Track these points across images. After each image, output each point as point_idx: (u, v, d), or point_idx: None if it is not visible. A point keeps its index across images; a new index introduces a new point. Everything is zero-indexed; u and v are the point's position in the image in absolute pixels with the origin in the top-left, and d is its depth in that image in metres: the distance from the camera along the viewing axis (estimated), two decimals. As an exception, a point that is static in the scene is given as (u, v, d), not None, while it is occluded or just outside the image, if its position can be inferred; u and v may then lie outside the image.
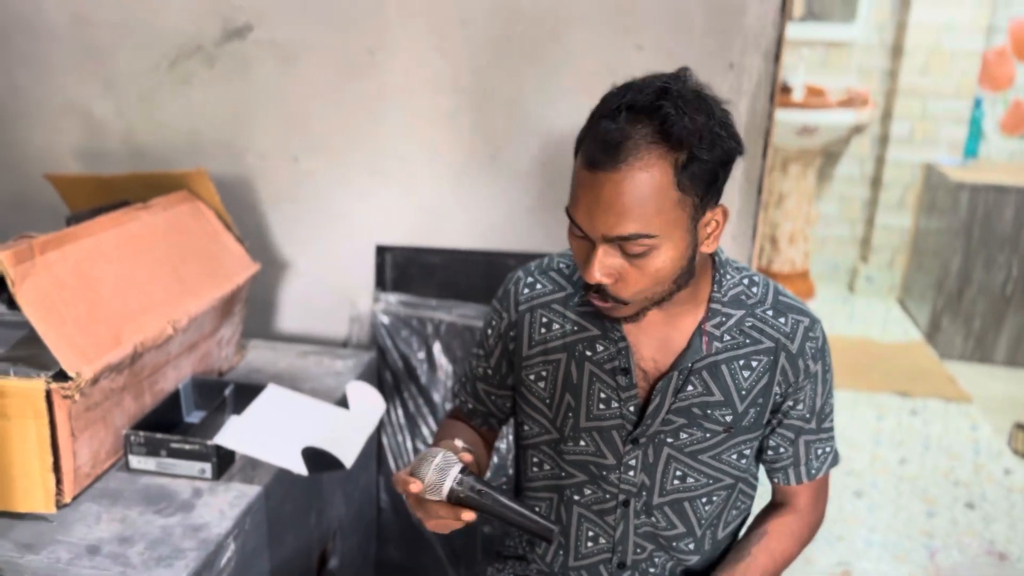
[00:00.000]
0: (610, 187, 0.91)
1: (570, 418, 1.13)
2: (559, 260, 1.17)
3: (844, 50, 4.11)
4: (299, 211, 2.00)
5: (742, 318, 1.08)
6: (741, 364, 1.08)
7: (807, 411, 1.12)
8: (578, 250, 1.00)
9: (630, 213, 0.91)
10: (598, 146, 0.92)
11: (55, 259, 1.25)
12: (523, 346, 1.15)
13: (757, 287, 1.11)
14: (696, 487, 1.13)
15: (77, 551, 1.16)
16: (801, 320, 1.10)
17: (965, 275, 3.72)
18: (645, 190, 0.91)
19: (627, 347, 1.08)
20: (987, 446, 2.94)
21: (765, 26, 1.76)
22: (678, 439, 1.10)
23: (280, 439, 1.37)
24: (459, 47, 1.85)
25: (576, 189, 0.96)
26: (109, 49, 1.96)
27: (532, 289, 1.16)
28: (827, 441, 1.15)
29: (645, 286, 0.97)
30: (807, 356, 1.09)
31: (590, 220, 0.94)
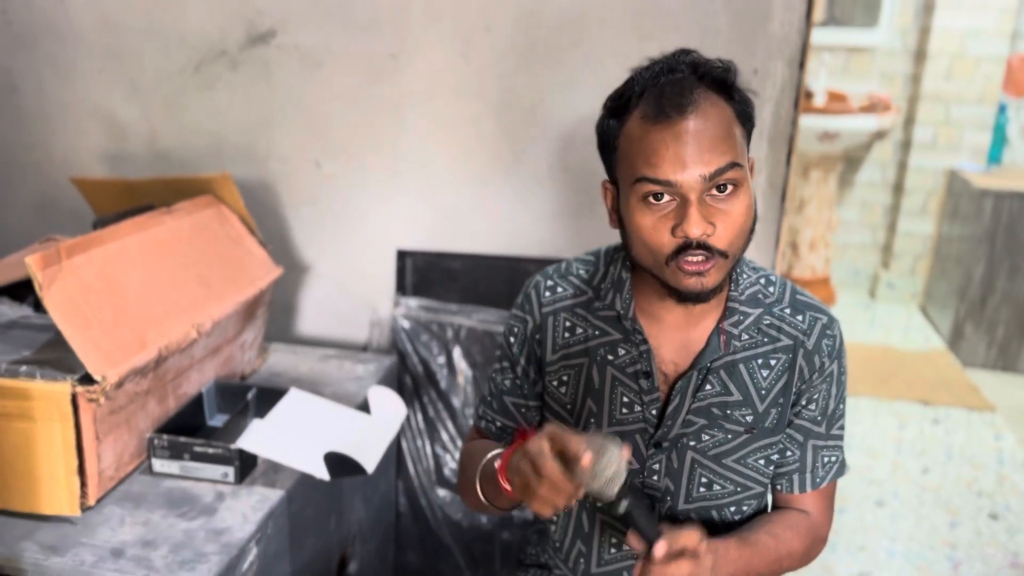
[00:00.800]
0: (694, 124, 0.94)
1: (592, 423, 1.13)
2: (577, 265, 1.17)
3: (866, 55, 4.08)
4: (321, 215, 2.01)
5: (759, 316, 1.08)
6: (760, 363, 1.08)
7: (818, 412, 1.10)
8: (658, 223, 0.97)
9: (720, 144, 0.95)
10: (666, 98, 0.95)
11: (81, 263, 1.26)
12: (548, 350, 1.15)
13: (774, 286, 1.11)
14: (723, 495, 1.12)
15: (101, 554, 1.17)
16: (819, 318, 1.09)
17: (988, 283, 3.68)
18: (723, 121, 0.96)
19: (648, 350, 1.08)
20: (1011, 456, 2.91)
21: (790, 33, 1.75)
22: (700, 441, 1.09)
23: (302, 443, 1.37)
24: (482, 53, 1.85)
25: (651, 151, 0.96)
26: (135, 53, 1.98)
27: (554, 293, 1.15)
28: (835, 449, 1.13)
29: (739, 230, 0.98)
30: (823, 353, 1.08)
31: (683, 166, 0.94)
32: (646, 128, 0.96)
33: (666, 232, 0.97)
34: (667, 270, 0.99)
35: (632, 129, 0.98)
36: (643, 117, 0.97)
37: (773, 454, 1.11)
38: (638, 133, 0.97)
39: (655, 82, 0.97)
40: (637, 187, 0.97)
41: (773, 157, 1.82)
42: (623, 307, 1.09)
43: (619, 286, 1.10)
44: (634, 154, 0.98)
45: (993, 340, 3.72)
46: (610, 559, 1.17)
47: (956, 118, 3.99)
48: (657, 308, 1.08)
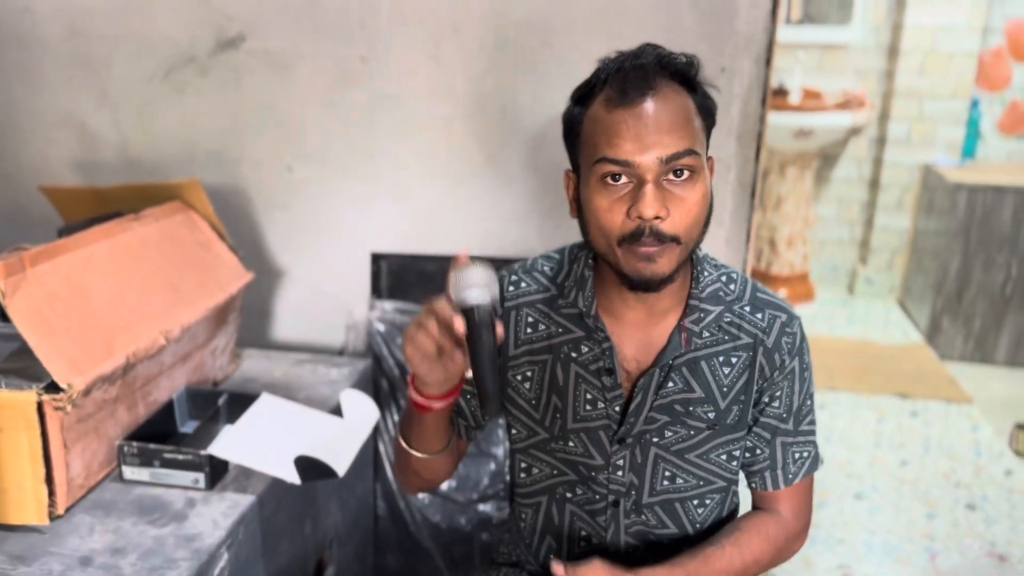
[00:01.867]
0: (660, 102, 0.96)
1: (558, 419, 1.13)
2: (542, 262, 1.17)
3: (840, 52, 4.11)
4: (293, 220, 2.01)
5: (720, 314, 1.09)
6: (721, 360, 1.09)
7: (783, 410, 1.11)
8: (613, 205, 0.98)
9: (679, 129, 0.97)
10: (628, 82, 0.97)
11: (46, 271, 1.26)
12: (510, 344, 1.15)
13: (735, 284, 1.12)
14: (686, 488, 1.13)
15: (69, 562, 1.16)
16: (778, 316, 1.10)
17: (964, 276, 3.71)
18: (684, 109, 0.98)
19: (611, 347, 1.09)
20: (988, 447, 2.93)
21: (756, 30, 1.76)
22: (663, 438, 1.10)
23: (273, 448, 1.37)
24: (452, 55, 1.86)
25: (611, 130, 0.97)
26: (104, 61, 1.97)
27: (517, 287, 1.16)
28: (806, 444, 1.14)
29: (694, 218, 0.99)
30: (783, 351, 1.09)
31: (642, 147, 0.95)
32: (609, 110, 0.98)
33: (621, 214, 0.98)
34: (619, 253, 0.99)
35: (596, 112, 0.99)
36: (606, 100, 0.98)
37: (735, 449, 1.12)
38: (601, 115, 0.98)
39: (619, 68, 0.98)
40: (597, 168, 0.98)
41: (742, 154, 1.83)
42: (585, 305, 1.10)
43: (582, 284, 1.11)
44: (596, 135, 0.99)
45: (970, 333, 3.75)
46: (580, 552, 1.18)
47: (930, 113, 4.03)
48: (619, 306, 1.09)
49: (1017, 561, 2.30)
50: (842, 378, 3.42)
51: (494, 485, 1.98)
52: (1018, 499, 2.62)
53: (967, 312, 3.74)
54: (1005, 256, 3.64)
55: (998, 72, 4.02)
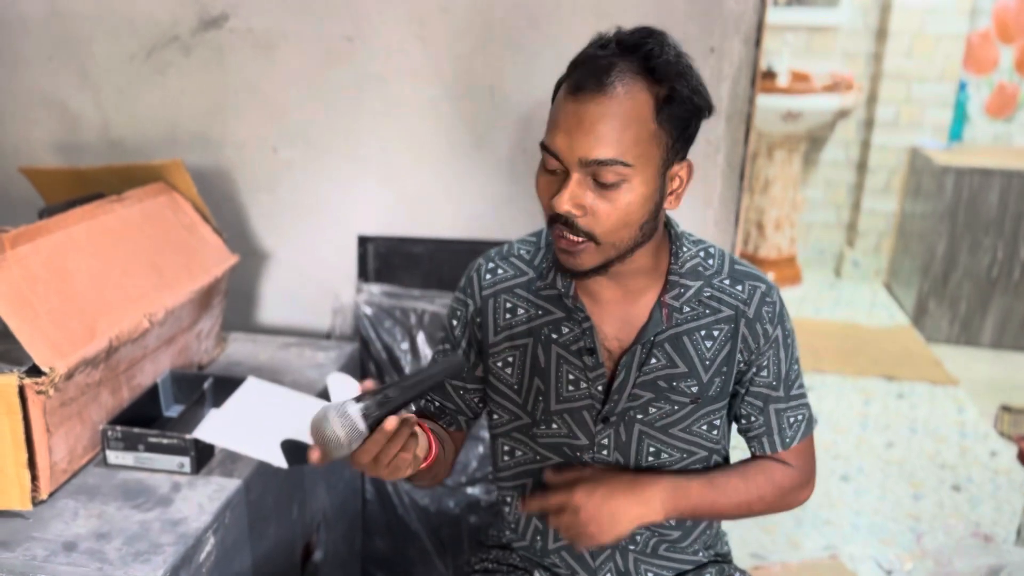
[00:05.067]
0: (594, 109, 0.93)
1: (540, 402, 1.13)
2: (519, 246, 1.17)
3: (829, 34, 4.10)
4: (279, 202, 1.98)
5: (700, 289, 1.09)
6: (703, 335, 1.09)
7: (772, 378, 1.12)
8: (547, 186, 0.99)
9: (610, 136, 0.93)
10: (586, 71, 0.94)
11: (27, 253, 1.24)
12: (489, 332, 1.14)
13: (713, 258, 1.12)
14: (671, 462, 1.13)
15: (53, 548, 1.15)
16: (758, 286, 1.10)
17: (951, 258, 3.73)
18: (627, 116, 0.93)
19: (591, 327, 1.08)
20: (973, 429, 2.96)
21: (745, 11, 1.75)
22: (647, 414, 1.10)
23: (259, 432, 1.35)
24: (439, 34, 1.83)
25: (556, 117, 0.96)
26: (84, 41, 1.94)
27: (494, 275, 1.15)
28: (799, 408, 1.14)
29: (615, 223, 0.97)
30: (765, 320, 1.09)
31: (569, 143, 0.94)
32: (563, 98, 0.97)
33: (547, 197, 0.98)
34: (553, 235, 1.00)
35: (558, 96, 0.99)
36: (566, 87, 0.97)
37: (716, 419, 1.13)
38: (559, 100, 0.98)
39: (588, 56, 0.96)
40: (542, 149, 0.99)
41: (731, 136, 1.83)
42: (564, 286, 1.09)
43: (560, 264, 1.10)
44: (549, 117, 0.99)
45: (956, 315, 3.77)
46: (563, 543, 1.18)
47: (917, 96, 4.03)
48: (595, 285, 1.09)
49: (1002, 541, 2.32)
50: (829, 360, 3.43)
51: (482, 468, 1.97)
52: (1003, 480, 2.64)
53: (953, 295, 3.76)
54: (991, 239, 3.65)
55: (986, 54, 4.02)
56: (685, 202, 1.86)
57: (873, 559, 2.23)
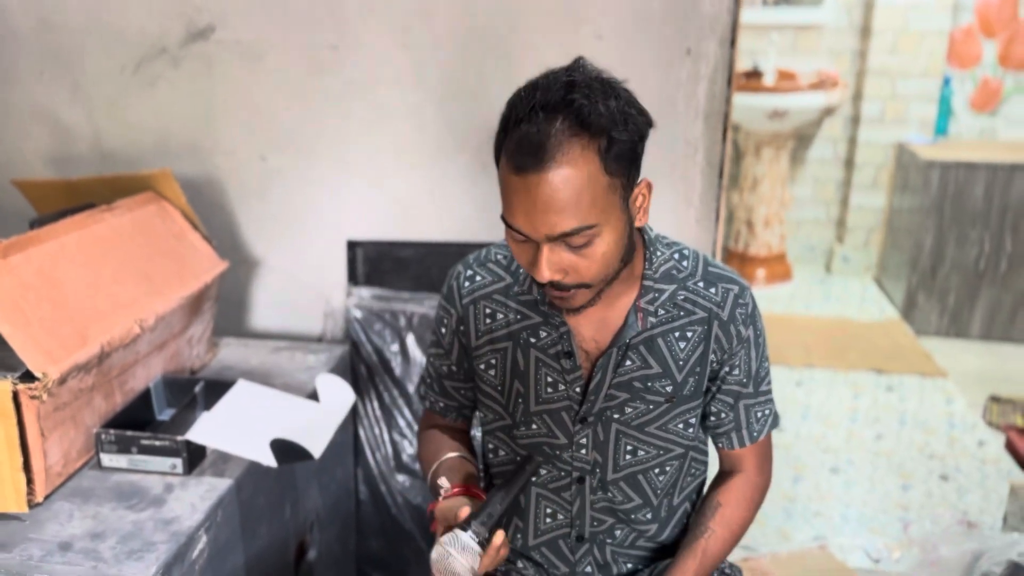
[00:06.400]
0: (543, 187, 0.92)
1: (520, 403, 1.16)
2: (496, 251, 1.20)
3: (814, 33, 4.14)
4: (269, 209, 2.02)
5: (674, 292, 1.12)
6: (677, 336, 1.12)
7: (743, 376, 1.15)
8: (521, 253, 1.01)
9: (568, 209, 0.93)
10: (521, 150, 0.92)
11: (19, 262, 1.27)
12: (472, 337, 1.18)
13: (687, 260, 1.15)
14: (648, 459, 1.16)
15: (49, 548, 1.18)
16: (731, 288, 1.14)
17: (938, 252, 3.76)
18: (577, 184, 0.92)
19: (568, 331, 1.12)
20: (962, 419, 2.99)
21: (720, 12, 1.78)
22: (624, 414, 1.13)
23: (250, 433, 1.39)
24: (421, 41, 1.87)
25: (509, 195, 0.96)
26: (75, 54, 1.97)
27: (472, 282, 1.18)
28: (765, 404, 1.19)
29: (598, 270, 1.00)
30: (738, 322, 1.13)
31: (531, 223, 0.95)
32: (508, 175, 0.95)
33: (526, 262, 1.01)
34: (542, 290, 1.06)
35: (501, 169, 0.98)
36: (506, 161, 0.96)
37: (691, 417, 1.16)
38: (503, 174, 0.97)
39: (517, 126, 0.94)
40: (505, 223, 0.99)
41: (709, 135, 1.86)
42: (539, 293, 1.12)
43: None
44: (502, 192, 0.98)
45: (945, 308, 3.80)
46: (545, 529, 1.21)
47: (902, 92, 4.07)
48: None
49: (986, 527, 2.35)
50: (819, 355, 3.47)
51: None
52: (990, 469, 2.67)
53: (942, 288, 3.79)
54: (978, 232, 3.69)
55: (969, 50, 4.06)
56: (667, 202, 1.91)
57: (862, 549, 2.27)
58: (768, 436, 1.21)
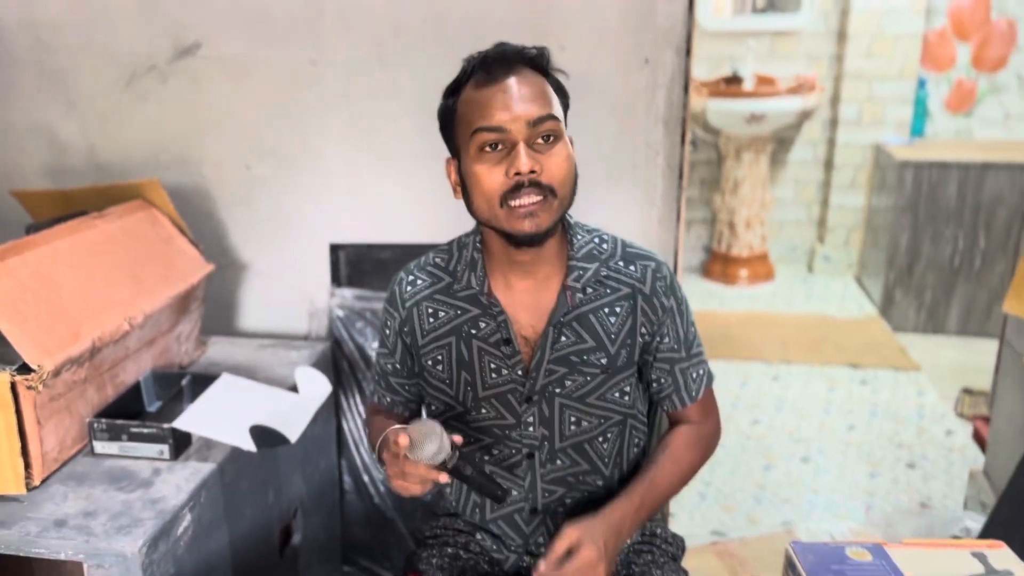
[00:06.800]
0: (521, 79, 1.12)
1: (469, 391, 1.27)
2: (433, 256, 1.32)
3: (792, 38, 4.26)
4: (255, 215, 2.13)
5: (597, 270, 1.24)
6: (606, 312, 1.23)
7: (674, 343, 1.27)
8: (489, 170, 1.13)
9: (538, 99, 1.12)
10: (495, 63, 1.13)
11: (16, 264, 1.38)
12: (417, 337, 1.29)
13: (607, 243, 1.27)
14: (591, 428, 1.26)
15: (46, 524, 1.29)
16: (648, 264, 1.26)
17: (914, 250, 3.86)
18: (539, 83, 1.14)
19: (506, 319, 1.23)
20: (932, 410, 3.09)
21: (675, 24, 1.89)
22: (564, 387, 1.24)
23: (232, 421, 1.50)
24: (395, 54, 1.98)
25: (484, 104, 1.12)
26: (69, 71, 2.09)
27: (414, 286, 1.30)
28: (699, 365, 1.30)
29: (564, 173, 1.14)
30: (660, 295, 1.24)
31: (511, 114, 1.10)
32: (479, 90, 1.13)
33: (500, 175, 1.12)
34: (502, 214, 1.13)
35: (468, 95, 1.15)
36: (476, 83, 1.14)
37: (626, 386, 1.27)
38: (473, 96, 1.14)
39: (484, 58, 1.15)
40: (475, 138, 1.13)
41: (669, 139, 1.97)
42: (478, 283, 1.24)
43: (473, 266, 1.25)
44: (471, 112, 1.14)
45: (922, 304, 3.90)
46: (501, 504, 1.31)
47: (879, 94, 4.18)
48: (509, 279, 1.23)
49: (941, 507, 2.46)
50: (796, 351, 3.57)
51: (451, 456, 2.11)
52: (956, 456, 2.77)
53: (918, 284, 3.89)
54: (952, 229, 3.79)
55: (943, 52, 4.17)
56: (630, 203, 2.02)
57: (827, 532, 2.37)
58: (710, 392, 1.32)
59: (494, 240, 1.21)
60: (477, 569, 1.30)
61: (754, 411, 3.10)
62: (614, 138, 1.97)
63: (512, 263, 1.21)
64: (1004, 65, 4.14)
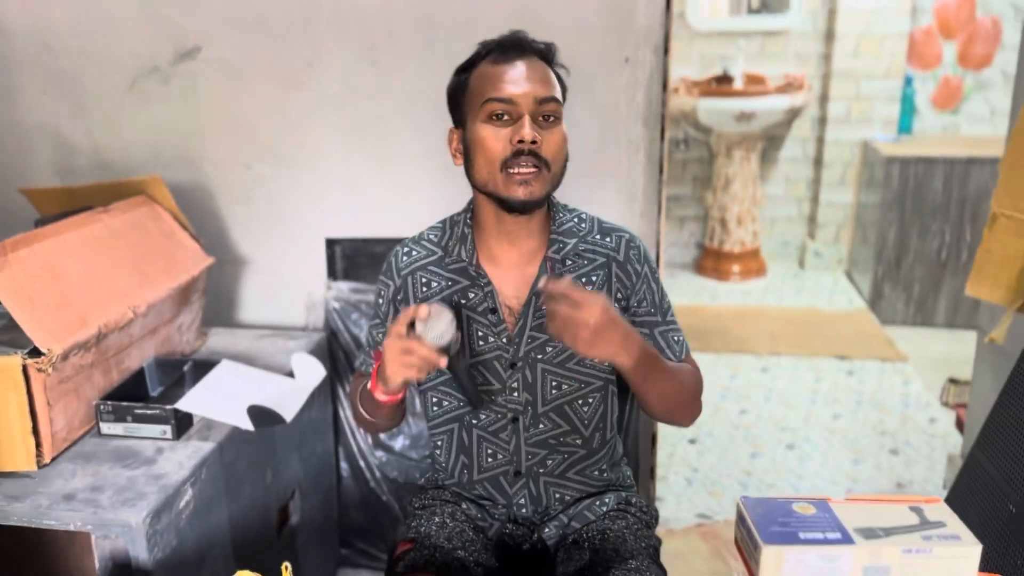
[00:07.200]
0: (530, 64, 1.25)
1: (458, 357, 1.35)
2: (428, 232, 1.41)
3: (781, 38, 4.33)
4: (254, 212, 2.22)
5: (576, 244, 1.34)
6: (584, 281, 1.33)
7: (651, 307, 1.36)
8: (495, 135, 1.23)
9: (546, 81, 1.25)
10: (510, 47, 1.26)
11: (25, 256, 1.47)
12: (411, 304, 1.37)
13: (585, 222, 1.37)
14: (572, 392, 1.35)
15: (55, 499, 1.38)
16: (622, 235, 1.36)
17: (902, 244, 3.94)
18: (548, 72, 1.27)
19: (492, 290, 1.31)
20: (916, 399, 3.16)
21: (653, 25, 1.98)
22: (545, 353, 1.33)
23: (231, 402, 1.58)
24: (388, 58, 2.07)
25: (497, 79, 1.23)
26: (74, 75, 2.18)
27: (410, 256, 1.38)
28: (676, 331, 1.39)
29: (558, 150, 1.25)
30: (633, 262, 1.34)
31: (521, 88, 1.22)
32: (494, 66, 1.25)
33: (504, 140, 1.23)
34: (500, 179, 1.23)
35: (483, 70, 1.26)
36: (491, 61, 1.26)
37: None
38: (487, 71, 1.25)
39: (500, 41, 1.28)
40: (485, 107, 1.23)
41: (648, 136, 2.05)
42: (468, 256, 1.32)
43: (463, 240, 1.33)
44: (483, 85, 1.25)
45: (911, 297, 3.98)
46: (487, 467, 1.40)
47: (866, 92, 4.26)
48: (496, 252, 1.32)
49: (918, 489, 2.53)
50: (785, 344, 3.64)
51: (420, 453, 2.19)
52: (938, 443, 2.85)
53: (906, 278, 3.97)
54: (938, 224, 3.87)
55: (929, 50, 4.24)
56: (612, 197, 2.10)
57: (809, 516, 2.44)
58: (690, 357, 1.40)
59: (487, 209, 1.30)
60: (463, 536, 1.38)
61: (743, 402, 3.17)
62: (597, 135, 2.06)
63: (500, 233, 1.30)
64: (989, 63, 4.22)
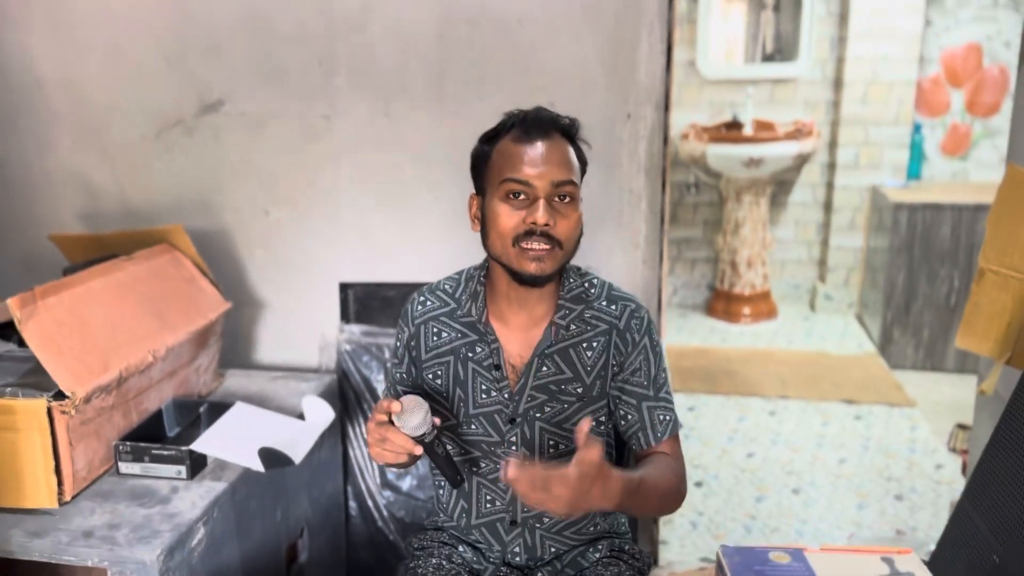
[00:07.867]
0: (550, 146, 1.29)
1: (462, 407, 1.41)
2: (444, 283, 1.47)
3: (790, 86, 4.42)
4: (271, 256, 2.31)
5: (582, 311, 1.39)
6: (585, 347, 1.38)
7: (643, 379, 1.40)
8: (510, 213, 1.28)
9: (564, 165, 1.29)
10: (532, 124, 1.29)
11: (53, 303, 1.55)
12: (422, 352, 1.44)
13: (595, 287, 1.42)
14: (567, 451, 1.40)
15: (75, 535, 1.45)
16: (628, 304, 1.41)
17: (911, 289, 3.97)
18: (567, 151, 1.31)
19: (499, 347, 1.38)
20: (923, 445, 3.18)
21: (654, 82, 2.06)
22: (544, 412, 1.38)
23: (243, 444, 1.65)
24: (401, 111, 2.16)
25: (516, 159, 1.27)
26: (103, 125, 2.29)
27: (424, 306, 1.45)
28: (667, 410, 1.41)
29: (571, 230, 1.29)
30: (633, 331, 1.39)
31: (538, 172, 1.26)
32: (515, 145, 1.29)
33: (518, 219, 1.28)
34: (513, 253, 1.29)
35: (504, 146, 1.31)
36: (513, 138, 1.30)
37: (601, 416, 1.41)
38: (509, 148, 1.30)
39: (523, 117, 1.31)
40: (503, 186, 1.29)
41: (650, 186, 2.13)
42: (478, 314, 1.39)
43: (475, 297, 1.40)
44: (503, 163, 1.30)
45: (920, 342, 4.00)
46: (485, 512, 1.45)
47: (875, 139, 4.32)
48: (505, 313, 1.38)
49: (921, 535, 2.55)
50: (794, 387, 3.67)
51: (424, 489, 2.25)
52: (944, 489, 2.86)
53: (916, 323, 3.99)
54: (947, 269, 3.90)
55: (937, 98, 4.31)
56: (616, 246, 2.17)
57: (812, 561, 2.46)
58: (674, 439, 1.42)
59: (499, 275, 1.36)
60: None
61: (750, 444, 3.20)
62: (600, 186, 2.13)
63: (511, 298, 1.36)
64: (998, 110, 4.28)
